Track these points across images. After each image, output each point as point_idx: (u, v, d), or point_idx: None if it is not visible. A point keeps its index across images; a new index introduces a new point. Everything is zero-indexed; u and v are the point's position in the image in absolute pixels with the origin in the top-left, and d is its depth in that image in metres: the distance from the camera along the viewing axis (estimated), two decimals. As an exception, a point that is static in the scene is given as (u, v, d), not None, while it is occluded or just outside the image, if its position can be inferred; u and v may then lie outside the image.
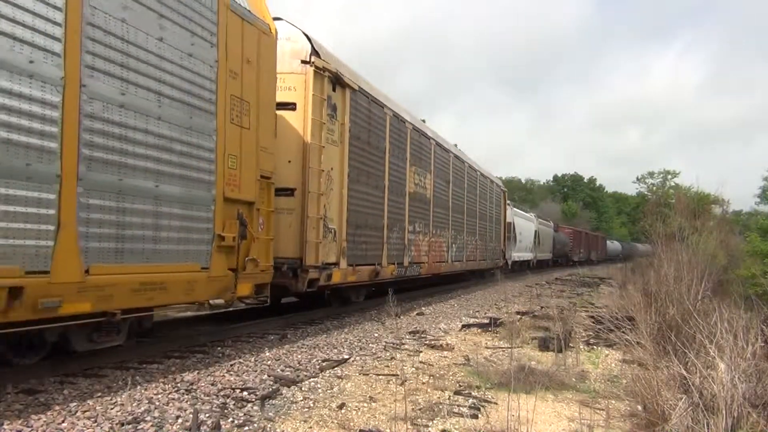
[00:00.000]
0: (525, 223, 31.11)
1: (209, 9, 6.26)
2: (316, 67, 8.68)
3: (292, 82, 8.62)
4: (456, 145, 18.00)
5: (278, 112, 7.97)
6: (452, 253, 16.45)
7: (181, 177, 5.87)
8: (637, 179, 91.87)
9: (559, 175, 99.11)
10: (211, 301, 7.13)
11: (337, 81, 9.32)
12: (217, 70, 6.39)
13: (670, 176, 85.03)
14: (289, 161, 8.42)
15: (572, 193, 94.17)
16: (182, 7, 5.88)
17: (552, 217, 47.83)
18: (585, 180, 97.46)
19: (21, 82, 4.32)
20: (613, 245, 66.80)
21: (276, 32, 7.71)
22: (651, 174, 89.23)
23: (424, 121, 14.53)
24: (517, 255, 28.55)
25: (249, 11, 7.07)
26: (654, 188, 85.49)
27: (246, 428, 4.13)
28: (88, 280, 4.81)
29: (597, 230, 72.96)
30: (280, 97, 8.08)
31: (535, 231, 34.06)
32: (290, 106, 8.55)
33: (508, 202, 25.76)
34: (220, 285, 6.52)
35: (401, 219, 12.29)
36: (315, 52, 8.76)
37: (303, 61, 8.68)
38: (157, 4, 5.58)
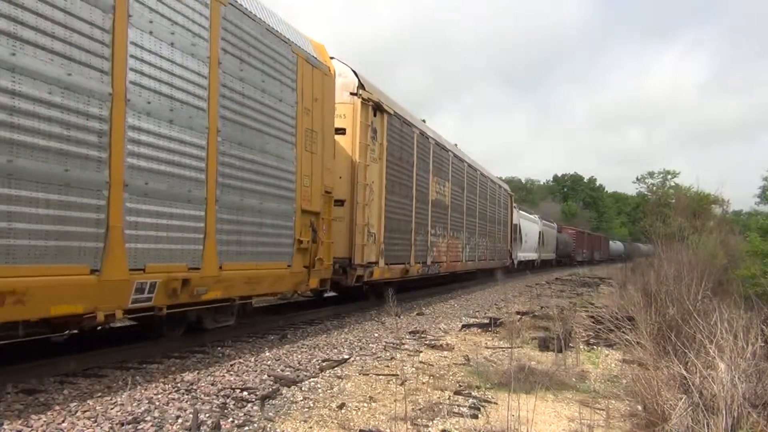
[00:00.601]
0: (530, 225, 32.44)
1: (292, 62, 7.95)
2: (363, 98, 10.38)
3: (343, 111, 10.18)
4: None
5: (333, 136, 9.75)
6: (466, 253, 18.05)
7: (275, 195, 7.58)
8: (637, 179, 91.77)
9: (559, 175, 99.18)
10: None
11: (378, 108, 10.99)
12: (296, 109, 8.05)
13: (670, 176, 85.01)
14: (340, 177, 9.91)
15: (572, 193, 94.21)
16: (276, 64, 7.56)
17: (552, 217, 47.97)
18: (585, 180, 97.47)
19: (188, 133, 6.04)
20: (616, 245, 67.04)
21: (334, 72, 9.41)
22: (651, 174, 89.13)
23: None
24: (523, 255, 29.76)
25: (315, 58, 8.70)
26: (654, 188, 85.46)
27: (246, 428, 4.13)
28: (221, 274, 6.50)
29: (597, 230, 72.98)
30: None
31: (540, 232, 35.18)
32: (341, 131, 10.11)
33: (514, 205, 27.20)
34: (298, 279, 8.26)
35: (425, 223, 13.93)
36: (361, 85, 10.46)
37: (351, 93, 10.34)
38: (261, 64, 7.22)
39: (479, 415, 4.56)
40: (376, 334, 8.58)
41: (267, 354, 6.80)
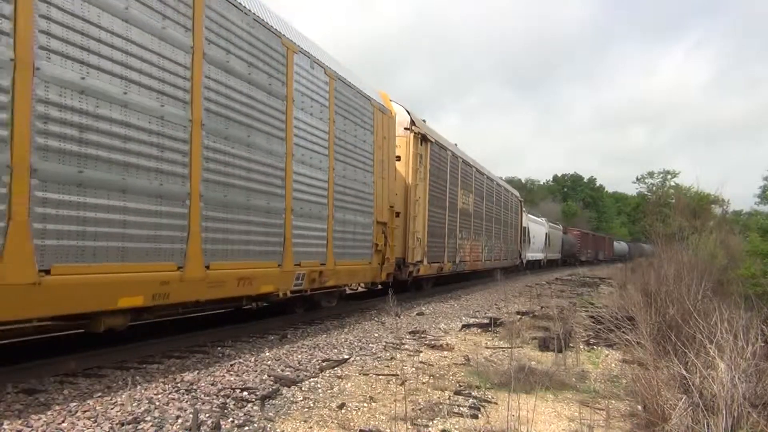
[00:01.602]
0: (537, 227, 34.87)
1: (371, 112, 10.66)
2: (414, 132, 13.21)
3: (399, 143, 12.77)
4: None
5: (391, 163, 12.56)
6: (485, 254, 20.71)
7: (362, 212, 10.30)
8: (637, 179, 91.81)
9: (559, 175, 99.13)
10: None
11: (423, 138, 13.80)
12: (373, 146, 10.76)
13: (670, 176, 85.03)
14: (397, 194, 12.39)
15: (572, 192, 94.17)
16: (363, 116, 10.27)
17: (552, 217, 48.26)
18: (585, 180, 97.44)
19: (319, 173, 8.85)
20: (620, 245, 67.65)
21: (395, 114, 12.18)
22: (651, 174, 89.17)
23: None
24: (531, 255, 32.40)
25: (383, 105, 11.46)
26: (654, 188, 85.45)
27: (246, 428, 4.13)
28: (336, 268, 9.22)
29: (597, 230, 73.03)
30: (393, 152, 12.61)
31: (546, 234, 37.54)
32: (398, 158, 12.67)
33: (523, 209, 29.87)
34: (375, 272, 11.06)
35: (455, 229, 16.65)
36: (413, 122, 13.31)
37: (405, 128, 13.09)
38: (354, 117, 9.91)
39: (479, 415, 4.56)
40: (376, 334, 8.58)
41: (267, 354, 6.80)
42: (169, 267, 5.73)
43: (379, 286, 12.60)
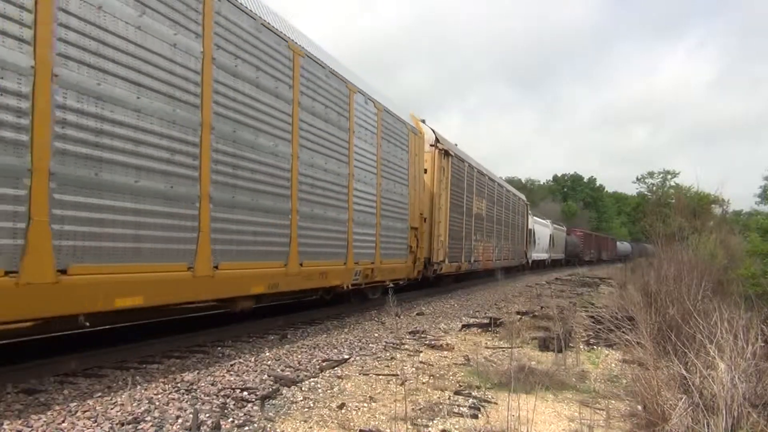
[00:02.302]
0: (542, 229, 36.84)
1: (405, 134, 12.70)
2: (438, 148, 15.18)
3: (426, 157, 14.65)
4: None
5: (419, 175, 14.43)
6: (495, 254, 22.57)
7: (400, 219, 12.35)
8: (637, 179, 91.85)
9: (559, 174, 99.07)
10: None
11: (446, 153, 15.63)
12: (408, 163, 12.86)
13: (670, 176, 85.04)
14: (424, 202, 14.18)
15: (572, 192, 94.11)
16: (401, 139, 12.38)
17: (552, 217, 48.46)
18: (585, 180, 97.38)
19: (371, 188, 10.91)
20: (623, 246, 68.87)
21: (423, 133, 14.27)
22: (651, 174, 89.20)
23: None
24: (536, 255, 34.49)
25: (414, 127, 13.50)
26: (654, 188, 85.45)
27: (246, 428, 4.13)
28: (381, 266, 11.18)
29: (597, 230, 73.10)
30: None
31: (550, 235, 39.33)
32: (425, 171, 14.47)
33: (529, 212, 31.87)
34: (409, 270, 13.03)
35: (470, 232, 18.54)
36: (437, 139, 15.23)
37: (431, 145, 14.97)
38: (394, 140, 11.98)
39: (479, 415, 4.56)
40: (376, 334, 8.58)
41: (267, 354, 6.80)
42: (278, 265, 7.70)
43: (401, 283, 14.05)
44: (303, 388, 5.29)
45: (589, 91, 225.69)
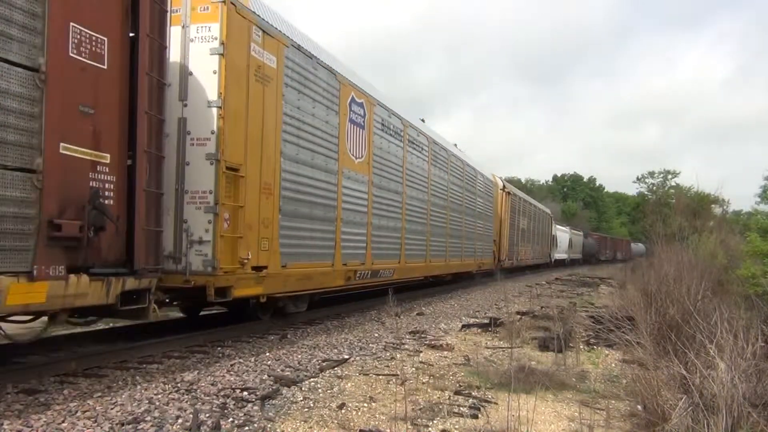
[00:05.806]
0: (562, 234, 45.61)
1: (492, 189, 22.49)
2: (504, 191, 23.88)
3: (497, 196, 22.94)
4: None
5: (490, 209, 22.81)
6: (530, 255, 30.91)
7: (489, 237, 21.94)
8: (638, 179, 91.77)
9: (559, 174, 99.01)
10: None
11: (509, 192, 24.07)
12: (494, 210, 22.63)
13: (670, 176, 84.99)
14: (496, 224, 22.58)
15: (572, 192, 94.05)
16: (489, 192, 21.92)
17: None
18: (585, 180, 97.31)
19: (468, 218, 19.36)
20: (637, 246, 73.59)
21: (498, 184, 23.40)
22: (651, 174, 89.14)
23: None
24: (557, 255, 42.48)
25: (493, 181, 22.82)
26: (654, 188, 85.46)
27: (246, 428, 4.13)
28: (483, 261, 21.22)
29: (597, 230, 73.33)
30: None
31: (569, 239, 47.88)
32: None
33: (552, 222, 40.48)
34: (491, 264, 22.25)
35: (518, 240, 26.74)
36: (504, 186, 24.02)
37: (500, 189, 23.47)
38: (487, 195, 21.50)
39: (479, 415, 4.56)
40: (376, 334, 8.58)
41: (267, 354, 6.80)
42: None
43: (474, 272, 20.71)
44: (303, 388, 5.29)
45: (602, 87, 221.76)
